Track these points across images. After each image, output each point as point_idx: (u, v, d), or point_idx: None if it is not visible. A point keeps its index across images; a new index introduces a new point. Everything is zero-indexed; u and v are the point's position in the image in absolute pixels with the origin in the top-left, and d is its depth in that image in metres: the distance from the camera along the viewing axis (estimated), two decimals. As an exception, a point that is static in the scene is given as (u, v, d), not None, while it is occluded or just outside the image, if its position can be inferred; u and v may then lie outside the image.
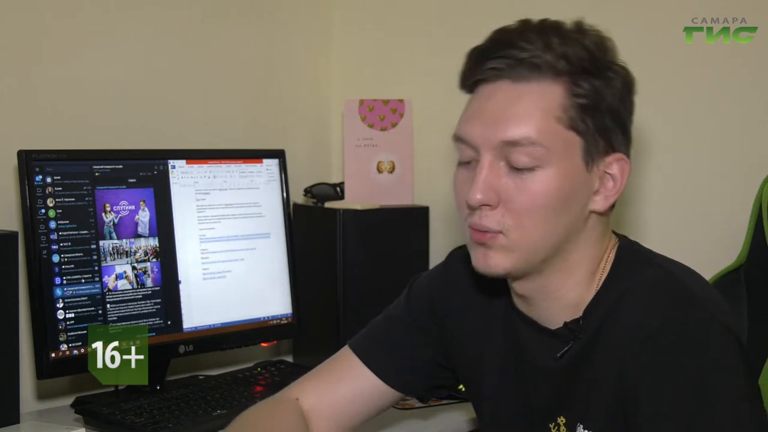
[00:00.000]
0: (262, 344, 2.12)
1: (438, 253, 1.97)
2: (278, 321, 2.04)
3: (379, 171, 2.19)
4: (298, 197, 2.22)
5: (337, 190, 2.21)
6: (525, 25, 1.23)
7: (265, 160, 2.05)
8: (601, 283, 1.27)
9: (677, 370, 1.15)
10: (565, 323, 1.28)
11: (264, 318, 2.02)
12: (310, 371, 1.52)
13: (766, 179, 1.78)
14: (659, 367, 1.16)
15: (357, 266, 2.06)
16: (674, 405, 1.14)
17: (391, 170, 2.19)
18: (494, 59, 1.22)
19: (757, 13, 1.92)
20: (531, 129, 1.20)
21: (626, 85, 1.26)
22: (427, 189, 2.29)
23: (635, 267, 1.27)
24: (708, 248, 1.99)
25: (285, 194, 2.07)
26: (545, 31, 1.22)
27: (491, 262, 1.24)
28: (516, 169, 1.21)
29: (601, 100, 1.22)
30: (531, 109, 1.20)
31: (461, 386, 1.60)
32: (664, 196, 2.05)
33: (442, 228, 2.23)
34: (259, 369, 2.03)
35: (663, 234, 2.04)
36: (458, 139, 1.26)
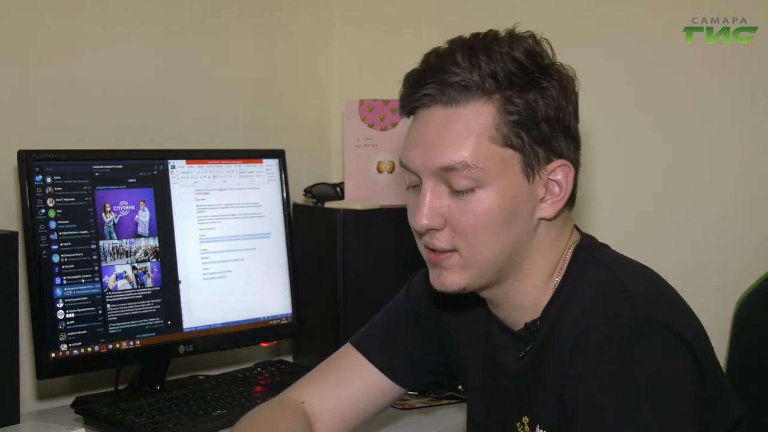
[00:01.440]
0: (262, 344, 2.12)
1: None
2: (278, 321, 2.04)
3: (379, 171, 2.19)
4: (298, 197, 2.22)
5: (337, 190, 2.21)
6: (454, 46, 1.25)
7: (265, 160, 2.05)
8: (557, 285, 1.29)
9: (603, 369, 1.15)
10: (525, 324, 1.30)
11: (264, 318, 2.02)
12: (312, 371, 1.52)
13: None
14: (586, 367, 1.16)
15: (357, 266, 2.06)
16: (602, 405, 1.14)
17: (391, 170, 2.19)
18: (426, 85, 1.24)
19: (757, 13, 1.92)
20: (465, 153, 1.21)
21: (563, 89, 1.25)
22: (427, 189, 2.28)
23: (584, 268, 1.28)
24: (710, 251, 1.99)
25: (285, 194, 2.07)
26: (473, 49, 1.23)
27: (446, 281, 1.27)
28: (457, 192, 1.23)
29: (534, 112, 1.22)
30: (464, 133, 1.22)
31: (461, 386, 1.60)
32: (664, 196, 2.05)
33: (442, 228, 2.23)
34: (259, 369, 2.03)
35: (661, 234, 2.04)
36: (402, 165, 1.29)
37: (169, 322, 1.86)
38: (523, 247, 1.26)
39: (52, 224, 1.71)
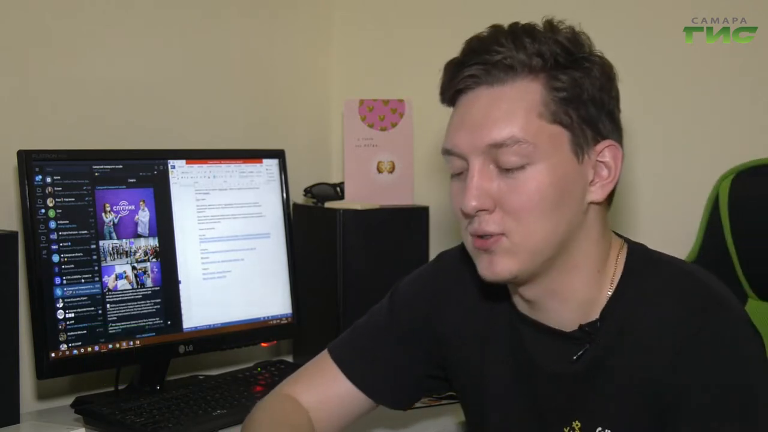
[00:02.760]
0: (262, 344, 2.13)
1: (438, 253, 1.97)
2: (278, 321, 2.04)
3: (379, 171, 2.19)
4: (298, 197, 2.22)
5: (337, 190, 2.21)
6: (496, 30, 1.25)
7: (265, 160, 2.05)
8: (616, 284, 1.27)
9: (718, 371, 1.17)
10: (581, 325, 1.27)
11: (264, 318, 2.02)
12: (298, 370, 1.51)
13: (722, 176, 1.77)
14: (699, 371, 1.17)
15: (357, 266, 2.06)
16: (717, 403, 1.16)
17: (391, 170, 2.19)
18: (469, 67, 1.23)
19: (757, 13, 1.92)
20: (515, 128, 1.20)
21: (605, 73, 1.26)
22: (427, 189, 2.29)
23: (652, 268, 1.27)
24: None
25: (285, 194, 2.07)
26: (516, 33, 1.23)
27: (497, 268, 1.24)
28: (507, 171, 1.21)
29: (581, 90, 1.22)
30: (512, 108, 1.21)
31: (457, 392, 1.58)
32: (664, 196, 2.05)
33: (442, 228, 2.23)
34: (259, 369, 2.03)
35: (661, 234, 2.04)
36: (447, 152, 1.27)
37: (168, 322, 1.86)
38: (574, 232, 1.24)
39: (52, 224, 1.71)
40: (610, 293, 1.27)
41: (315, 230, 2.14)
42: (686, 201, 2.03)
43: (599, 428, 1.25)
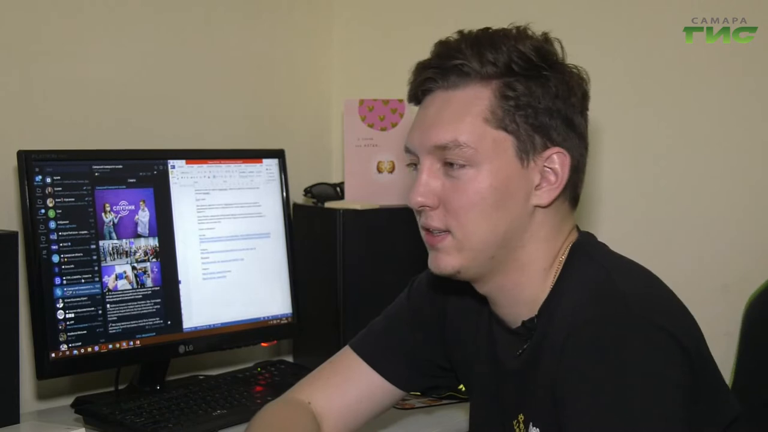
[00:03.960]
0: (262, 344, 2.12)
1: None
2: (278, 321, 2.04)
3: (379, 171, 2.19)
4: (298, 197, 2.22)
5: (337, 190, 2.21)
6: (461, 37, 1.30)
7: (265, 160, 2.05)
8: (555, 282, 1.29)
9: (592, 368, 1.15)
10: (523, 322, 1.31)
11: (264, 318, 2.02)
12: (314, 372, 1.53)
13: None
14: (576, 365, 1.16)
15: (357, 266, 2.06)
16: (588, 402, 1.14)
17: (391, 170, 2.19)
18: (430, 69, 1.30)
19: (757, 13, 1.92)
20: (459, 132, 1.26)
21: (565, 82, 1.28)
22: (427, 189, 2.28)
23: (579, 265, 1.29)
24: (711, 252, 1.99)
25: (285, 194, 2.07)
26: (478, 40, 1.28)
27: (441, 263, 1.30)
28: (451, 171, 1.27)
29: (532, 98, 1.26)
30: (459, 112, 1.26)
31: (461, 386, 1.60)
32: (664, 196, 2.05)
33: (442, 228, 2.23)
34: (259, 369, 2.03)
35: (662, 234, 2.04)
36: (405, 148, 1.34)
37: (169, 322, 1.86)
38: (517, 234, 1.28)
39: (52, 224, 1.71)
40: (549, 291, 1.29)
41: (315, 230, 2.14)
42: (686, 201, 2.03)
43: (531, 423, 1.28)
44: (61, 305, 1.72)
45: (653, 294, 1.25)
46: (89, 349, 1.75)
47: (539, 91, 1.26)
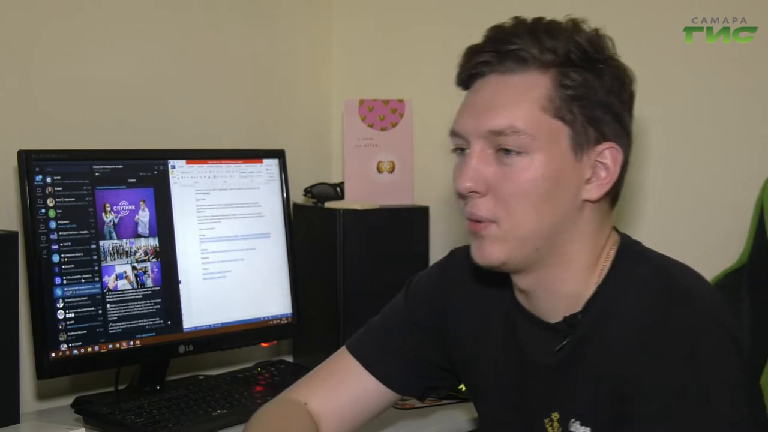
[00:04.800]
0: (262, 344, 2.12)
1: (438, 253, 1.97)
2: (278, 321, 2.04)
3: (379, 171, 2.19)
4: (298, 197, 2.22)
5: (337, 190, 2.21)
6: (517, 22, 1.27)
7: (265, 160, 2.05)
8: (601, 279, 1.28)
9: (670, 368, 1.15)
10: (565, 317, 1.29)
11: (264, 318, 2.02)
12: (311, 372, 1.52)
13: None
14: (653, 366, 1.16)
15: (357, 266, 2.06)
16: (667, 403, 1.14)
17: (391, 170, 2.19)
18: (484, 53, 1.26)
19: (757, 13, 1.92)
20: (516, 118, 1.23)
21: (620, 79, 1.28)
22: (427, 189, 2.29)
23: (634, 264, 1.28)
24: (709, 248, 1.99)
25: (285, 194, 2.07)
26: (536, 27, 1.26)
27: (485, 252, 1.27)
28: (504, 158, 1.24)
29: (589, 91, 1.24)
30: (516, 98, 1.24)
31: (461, 386, 1.60)
32: (664, 196, 2.05)
33: (442, 228, 2.23)
34: (259, 369, 2.03)
35: (662, 233, 2.04)
36: (452, 133, 1.30)
37: (169, 322, 1.86)
38: (565, 227, 1.26)
39: (52, 224, 1.71)
40: (595, 287, 1.28)
41: (315, 230, 2.14)
42: (687, 201, 2.03)
43: (576, 421, 1.27)
44: (61, 305, 1.72)
45: (712, 293, 1.26)
46: (89, 349, 1.75)
47: (596, 83, 1.25)
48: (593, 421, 1.24)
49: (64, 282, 1.72)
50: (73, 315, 1.73)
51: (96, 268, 1.77)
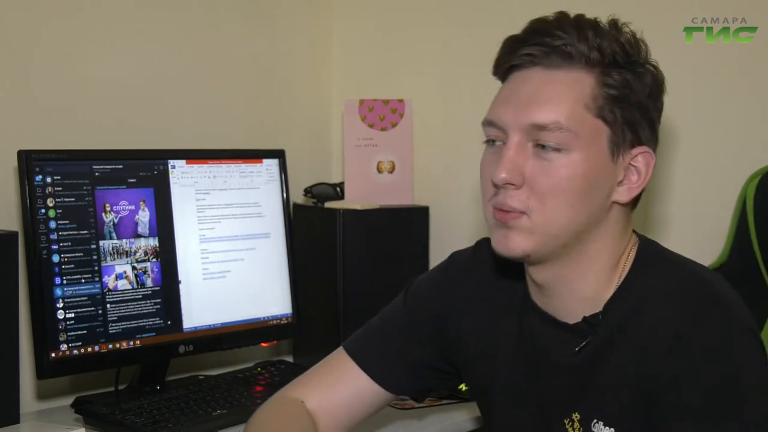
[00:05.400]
0: (262, 344, 2.12)
1: (438, 253, 1.97)
2: (278, 321, 2.04)
3: (379, 171, 2.19)
4: (298, 197, 2.22)
5: (337, 190, 2.21)
6: (562, 17, 1.27)
7: (265, 160, 2.05)
8: (622, 279, 1.29)
9: (706, 371, 1.17)
10: (584, 317, 1.28)
11: (264, 318, 2.02)
12: (307, 371, 1.52)
13: (750, 178, 1.79)
14: (688, 368, 1.17)
15: (357, 266, 2.06)
16: (704, 405, 1.16)
17: (391, 170, 2.19)
18: (529, 46, 1.25)
19: (757, 13, 1.92)
20: (560, 114, 1.22)
21: (656, 83, 1.29)
22: (427, 189, 2.29)
23: (658, 265, 1.29)
24: (709, 249, 1.99)
25: (285, 194, 2.07)
26: (581, 23, 1.25)
27: (511, 243, 1.25)
28: (543, 152, 1.23)
29: (631, 93, 1.25)
30: (562, 94, 1.23)
31: (462, 386, 1.59)
32: (664, 196, 2.05)
33: (442, 228, 2.23)
34: (259, 369, 2.03)
35: (661, 233, 2.04)
36: (488, 123, 1.28)
37: (169, 322, 1.86)
38: (593, 226, 1.26)
39: (52, 224, 1.71)
40: (616, 288, 1.28)
41: (315, 230, 2.14)
42: (687, 201, 2.03)
43: (595, 420, 1.26)
44: (61, 305, 1.72)
45: (739, 298, 1.26)
46: (89, 349, 1.75)
47: (637, 85, 1.25)
48: (618, 421, 1.24)
49: (64, 282, 1.72)
50: (73, 315, 1.73)
51: (96, 268, 1.77)
